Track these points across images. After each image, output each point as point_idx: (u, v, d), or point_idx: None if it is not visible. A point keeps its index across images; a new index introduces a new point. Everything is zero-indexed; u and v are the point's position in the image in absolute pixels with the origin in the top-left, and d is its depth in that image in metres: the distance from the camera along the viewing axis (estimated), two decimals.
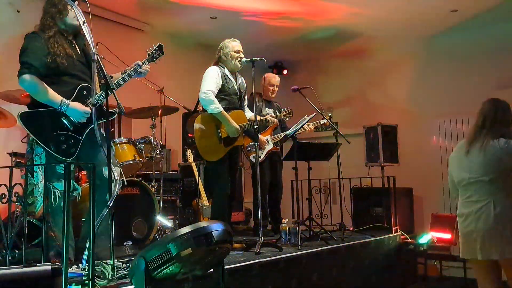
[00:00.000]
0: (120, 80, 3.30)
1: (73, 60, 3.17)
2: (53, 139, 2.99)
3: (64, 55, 3.11)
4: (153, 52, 3.49)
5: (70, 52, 3.15)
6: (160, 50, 3.51)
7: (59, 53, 3.08)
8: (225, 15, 6.46)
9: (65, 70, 3.11)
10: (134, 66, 3.37)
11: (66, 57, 3.12)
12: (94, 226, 2.55)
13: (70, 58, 3.15)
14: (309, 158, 4.93)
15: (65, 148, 3.01)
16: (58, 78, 3.10)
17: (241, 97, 4.57)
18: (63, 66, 3.09)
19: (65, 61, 3.10)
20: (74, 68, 3.16)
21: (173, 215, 5.32)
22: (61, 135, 3.02)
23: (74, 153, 3.02)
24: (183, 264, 2.38)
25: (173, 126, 5.89)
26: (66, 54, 3.12)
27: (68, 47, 3.17)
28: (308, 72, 8.52)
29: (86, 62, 3.26)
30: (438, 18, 6.69)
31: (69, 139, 3.03)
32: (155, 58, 3.50)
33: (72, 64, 3.15)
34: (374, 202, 6.14)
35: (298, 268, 3.93)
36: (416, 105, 7.40)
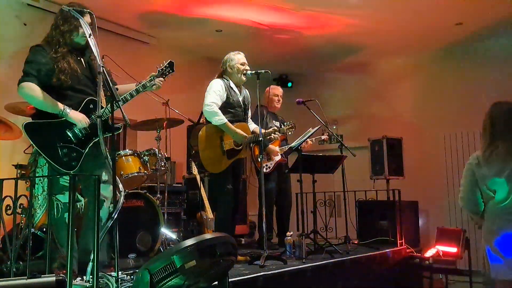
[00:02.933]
0: (134, 92, 3.32)
1: (78, 74, 3.17)
2: (56, 151, 3.00)
3: (69, 71, 3.11)
4: (163, 69, 3.51)
5: (75, 67, 3.16)
6: (170, 67, 3.52)
7: (64, 69, 3.09)
8: (230, 28, 6.51)
9: (70, 85, 3.12)
10: (143, 83, 3.39)
11: (71, 72, 3.12)
12: (98, 238, 2.55)
13: (75, 73, 3.15)
14: (314, 170, 4.92)
15: (67, 160, 3.01)
16: (63, 93, 3.12)
17: (246, 109, 4.58)
18: (67, 83, 3.10)
19: (70, 77, 3.11)
20: (79, 82, 3.17)
21: (178, 228, 5.31)
22: (64, 148, 3.02)
23: (75, 166, 3.02)
24: (187, 276, 2.37)
25: (178, 139, 5.90)
26: (71, 69, 3.13)
27: (74, 61, 3.18)
28: (313, 85, 8.54)
29: (91, 76, 3.27)
30: (442, 31, 6.71)
31: (72, 152, 3.03)
32: (165, 75, 3.52)
33: (76, 79, 3.16)
34: (379, 215, 6.10)
35: (302, 281, 3.90)
36: (421, 118, 7.39)
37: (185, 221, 5.59)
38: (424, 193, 6.77)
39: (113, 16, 6.03)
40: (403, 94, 7.72)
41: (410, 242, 5.95)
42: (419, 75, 7.64)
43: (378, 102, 7.95)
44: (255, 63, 4.86)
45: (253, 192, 5.89)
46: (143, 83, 3.39)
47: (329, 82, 8.50)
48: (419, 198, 6.71)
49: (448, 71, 7.30)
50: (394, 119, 7.59)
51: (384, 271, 5.24)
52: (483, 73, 6.94)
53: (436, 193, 6.86)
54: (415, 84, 7.65)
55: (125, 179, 4.14)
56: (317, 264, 4.13)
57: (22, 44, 5.35)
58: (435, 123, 7.21)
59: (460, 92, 7.08)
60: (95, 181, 2.63)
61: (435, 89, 7.38)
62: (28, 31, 5.39)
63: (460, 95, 7.06)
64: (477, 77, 6.98)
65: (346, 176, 5.33)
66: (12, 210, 2.73)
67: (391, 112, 7.73)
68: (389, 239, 5.80)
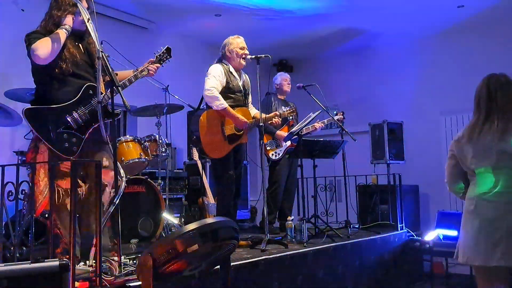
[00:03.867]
0: (132, 78, 3.32)
1: (77, 60, 3.16)
2: (56, 136, 3.00)
3: (69, 58, 3.11)
4: (160, 55, 3.51)
5: (73, 52, 3.14)
6: (168, 53, 3.52)
7: (64, 57, 3.09)
8: (230, 13, 6.46)
9: (69, 71, 3.11)
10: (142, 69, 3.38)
11: (70, 59, 3.11)
12: (100, 223, 2.56)
13: (74, 59, 3.14)
14: (315, 155, 4.93)
15: (67, 146, 3.01)
16: (62, 78, 3.11)
17: (246, 94, 4.57)
18: (68, 71, 3.10)
19: (69, 64, 3.10)
20: (78, 67, 3.15)
21: (179, 213, 5.34)
22: (64, 133, 3.02)
23: (76, 151, 3.02)
24: (189, 260, 2.38)
25: (178, 124, 5.90)
26: (71, 55, 3.12)
27: (72, 46, 3.16)
28: (313, 70, 8.51)
29: (90, 61, 3.25)
30: (444, 14, 6.65)
31: (72, 137, 3.03)
32: (162, 61, 3.52)
33: (76, 65, 3.14)
34: (379, 199, 6.13)
35: (303, 265, 3.93)
36: (422, 102, 7.37)
37: (186, 207, 5.62)
38: (425, 177, 6.78)
39: (112, 2, 5.99)
40: (403, 78, 7.69)
41: (410, 226, 6.00)
42: (420, 59, 7.60)
43: (379, 86, 7.91)
44: (255, 47, 4.83)
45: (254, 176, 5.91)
46: (141, 69, 3.38)
47: (329, 66, 8.46)
48: (419, 182, 6.73)
49: (449, 54, 7.26)
50: (394, 104, 7.56)
51: (384, 255, 5.27)
52: (485, 56, 6.90)
53: (437, 177, 6.78)
54: (415, 68, 7.61)
55: (126, 165, 4.14)
56: (318, 248, 4.17)
57: (20, 31, 5.30)
58: (435, 107, 7.20)
59: (460, 76, 7.04)
60: (95, 167, 2.64)
61: (435, 73, 7.35)
62: (26, 17, 5.35)
63: (460, 79, 7.02)
64: (478, 61, 6.94)
65: (347, 161, 5.33)
66: (14, 196, 2.74)
67: (391, 97, 7.71)
68: (390, 223, 5.83)
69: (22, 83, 4.35)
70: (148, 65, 3.45)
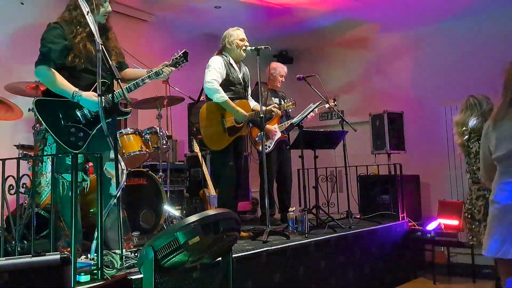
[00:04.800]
0: (146, 78, 3.29)
1: (92, 56, 3.14)
2: (64, 129, 3.01)
3: (84, 53, 3.11)
4: (177, 58, 3.46)
5: (90, 48, 3.13)
6: (185, 57, 3.47)
7: (80, 53, 3.09)
8: (229, 4, 6.42)
9: (82, 67, 3.11)
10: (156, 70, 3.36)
11: (86, 55, 3.11)
12: (102, 217, 2.57)
13: (89, 55, 3.14)
14: (315, 146, 4.92)
15: (74, 140, 3.02)
16: (75, 74, 3.10)
17: (246, 86, 4.55)
18: (81, 66, 3.10)
19: (84, 60, 3.10)
20: (92, 64, 3.14)
21: (180, 205, 5.34)
22: (72, 127, 3.02)
23: (82, 146, 3.03)
24: (191, 252, 2.39)
25: (179, 117, 5.89)
26: (86, 51, 3.12)
27: (89, 42, 3.15)
28: (313, 61, 8.47)
29: (105, 58, 3.24)
30: (441, 5, 6.61)
31: (79, 131, 3.03)
32: (178, 64, 3.47)
33: (90, 61, 3.13)
34: (380, 189, 6.14)
35: (305, 256, 3.94)
36: (422, 92, 7.34)
37: (187, 199, 5.63)
38: (425, 167, 6.78)
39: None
40: (403, 68, 7.66)
41: (411, 215, 6.00)
42: (419, 49, 7.56)
43: (379, 76, 7.89)
44: (255, 39, 4.81)
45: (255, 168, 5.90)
46: (156, 71, 3.35)
47: (329, 57, 8.42)
48: (420, 172, 6.72)
49: (449, 43, 7.22)
50: (394, 94, 7.54)
51: (386, 245, 5.29)
52: (484, 45, 6.86)
53: (437, 166, 6.86)
54: (415, 58, 7.58)
55: (127, 157, 4.14)
56: (319, 239, 4.17)
57: (20, 24, 5.31)
58: (436, 97, 7.17)
59: (459, 66, 7.02)
60: (97, 160, 2.64)
61: (435, 63, 7.31)
62: (26, 10, 5.33)
63: (459, 69, 6.99)
64: (478, 50, 6.91)
65: (348, 151, 5.33)
66: (15, 189, 2.75)
67: (391, 87, 7.68)
68: (391, 213, 5.84)
69: (23, 76, 4.35)
70: (162, 67, 3.39)
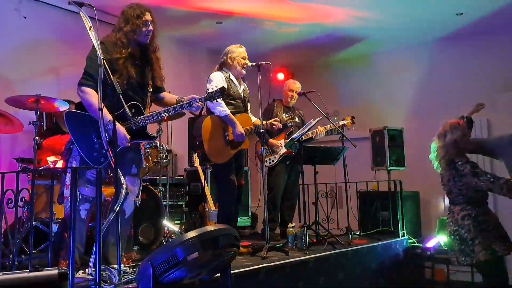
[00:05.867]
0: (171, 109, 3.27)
1: (132, 81, 3.19)
2: (88, 144, 3.03)
3: (125, 78, 3.13)
4: (213, 93, 3.43)
5: (131, 73, 3.17)
6: (222, 93, 3.44)
7: (121, 76, 3.10)
8: (231, 20, 6.47)
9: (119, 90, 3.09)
10: (189, 101, 3.34)
11: (126, 79, 3.14)
12: (100, 231, 2.55)
13: (130, 80, 3.17)
14: (315, 162, 4.93)
15: (96, 155, 3.03)
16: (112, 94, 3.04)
17: (246, 101, 4.57)
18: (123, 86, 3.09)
19: (123, 83, 3.10)
20: (129, 88, 3.17)
21: (180, 220, 5.32)
22: (96, 143, 3.03)
23: (103, 162, 3.03)
24: (189, 268, 2.37)
25: (179, 131, 5.90)
26: (127, 75, 3.15)
27: (131, 66, 3.19)
28: (313, 76, 8.50)
29: (143, 83, 3.31)
30: (443, 22, 6.67)
31: (102, 148, 3.00)
32: (213, 98, 3.44)
33: (128, 85, 3.16)
34: (380, 206, 6.11)
35: (304, 273, 3.91)
36: (422, 108, 7.36)
37: (187, 214, 5.60)
38: (425, 183, 6.74)
39: (113, 9, 5.99)
40: (403, 84, 7.69)
41: (411, 232, 5.97)
42: (419, 65, 7.60)
43: (379, 92, 7.92)
44: (256, 54, 4.83)
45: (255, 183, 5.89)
46: (186, 102, 3.34)
47: (330, 73, 8.46)
48: (420, 188, 6.70)
49: (449, 61, 7.27)
50: (395, 110, 7.56)
51: (386, 262, 5.25)
52: (484, 63, 6.91)
53: (437, 183, 6.78)
54: (415, 75, 7.62)
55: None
56: (319, 255, 4.15)
57: (22, 38, 5.35)
58: (436, 113, 7.17)
59: (460, 83, 7.05)
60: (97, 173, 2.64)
61: (435, 80, 7.35)
62: (28, 24, 5.37)
63: (460, 86, 7.03)
64: (477, 67, 6.95)
65: (348, 167, 5.32)
66: (14, 203, 2.74)
67: (392, 103, 7.71)
68: (391, 230, 5.81)
69: (23, 89, 4.37)
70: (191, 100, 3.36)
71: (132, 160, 3.31)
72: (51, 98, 4.06)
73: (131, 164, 3.30)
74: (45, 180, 3.93)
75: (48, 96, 4.01)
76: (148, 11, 3.30)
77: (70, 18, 5.20)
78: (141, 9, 3.27)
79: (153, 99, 3.49)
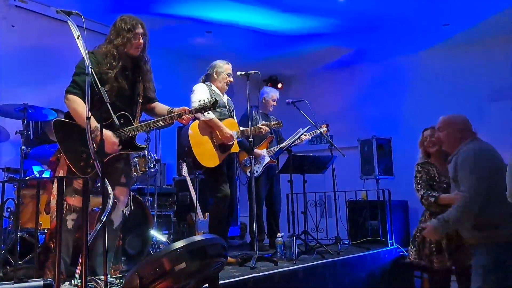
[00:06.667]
0: (161, 121, 3.26)
1: (123, 93, 3.17)
2: (75, 153, 2.98)
3: (116, 89, 3.11)
4: (205, 104, 3.41)
5: (122, 85, 3.15)
6: (213, 106, 3.42)
7: (110, 88, 3.06)
8: (221, 29, 6.49)
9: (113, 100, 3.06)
10: (180, 112, 3.31)
11: (116, 91, 3.11)
12: (87, 242, 2.52)
13: (120, 91, 3.15)
14: (304, 171, 4.93)
15: (82, 165, 2.99)
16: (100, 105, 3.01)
17: (230, 110, 4.59)
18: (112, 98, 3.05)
19: (112, 95, 3.06)
20: (118, 99, 3.14)
21: (168, 230, 5.28)
22: (84, 152, 2.98)
23: (89, 173, 2.99)
24: (177, 279, 2.35)
25: (168, 140, 5.88)
26: (118, 87, 3.12)
27: (121, 77, 3.16)
28: (302, 86, 8.55)
29: (133, 94, 3.28)
30: (430, 32, 6.75)
31: (90, 158, 2.94)
32: (204, 110, 3.42)
33: (118, 96, 3.14)
34: (369, 215, 6.12)
35: (293, 283, 3.89)
36: (410, 118, 7.41)
37: (175, 223, 5.56)
38: (414, 192, 6.77)
39: (102, 17, 5.98)
40: (391, 94, 7.76)
41: (400, 241, 5.98)
42: (407, 75, 7.68)
43: (367, 102, 7.97)
44: (244, 64, 4.85)
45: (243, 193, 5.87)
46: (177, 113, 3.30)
47: (318, 82, 8.51)
48: (408, 197, 6.72)
49: (436, 72, 7.35)
50: (383, 119, 7.61)
51: (375, 271, 5.25)
52: (470, 73, 6.99)
53: None
54: (403, 85, 7.69)
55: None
56: (308, 265, 4.13)
57: (10, 47, 5.31)
58: (423, 123, 7.21)
59: (447, 93, 7.13)
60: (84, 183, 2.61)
61: (423, 90, 7.43)
62: (17, 32, 5.34)
63: (447, 96, 7.10)
64: (464, 78, 7.04)
65: (336, 176, 5.33)
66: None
67: (380, 112, 7.76)
68: (380, 239, 5.82)
69: (10, 99, 4.32)
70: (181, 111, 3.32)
71: (121, 170, 3.29)
72: (39, 107, 4.04)
73: (120, 174, 3.27)
74: (31, 190, 3.89)
75: (35, 105, 3.98)
76: (140, 24, 3.28)
77: (58, 27, 5.18)
78: (132, 22, 3.25)
79: (144, 109, 3.47)
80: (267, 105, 5.54)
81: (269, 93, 5.60)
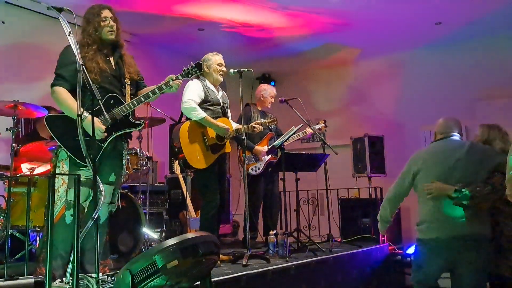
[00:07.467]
0: (150, 93, 3.27)
1: (107, 74, 3.21)
2: (74, 143, 2.96)
3: (98, 70, 3.15)
4: (189, 69, 3.43)
5: (104, 67, 3.20)
6: (198, 68, 3.45)
7: (92, 69, 3.12)
8: (213, 27, 6.48)
9: (97, 83, 3.10)
10: (166, 81, 3.32)
11: (100, 72, 3.16)
12: (78, 239, 2.51)
13: (104, 73, 3.20)
14: (297, 169, 4.93)
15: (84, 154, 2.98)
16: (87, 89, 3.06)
17: (225, 108, 4.56)
18: (97, 81, 3.09)
19: (98, 76, 3.13)
20: (104, 80, 3.19)
21: (160, 228, 5.27)
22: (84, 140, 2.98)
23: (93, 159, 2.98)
24: (169, 276, 2.34)
25: (160, 138, 5.85)
26: (100, 68, 3.17)
27: (103, 61, 3.21)
28: (295, 84, 8.55)
29: (119, 75, 3.32)
30: (422, 31, 6.77)
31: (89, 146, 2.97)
32: (190, 74, 3.44)
33: (103, 77, 3.19)
34: (361, 213, 6.14)
35: (286, 280, 3.90)
36: (402, 116, 7.45)
37: (167, 221, 5.55)
38: None
39: None
40: (384, 92, 7.79)
41: (392, 239, 6.01)
42: (400, 74, 7.70)
43: (360, 100, 8.00)
44: (238, 61, 4.84)
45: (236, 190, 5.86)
46: (160, 85, 3.31)
47: (311, 80, 8.52)
48: None
49: (428, 70, 7.38)
50: (375, 118, 7.64)
51: (366, 269, 5.27)
52: (462, 72, 7.03)
53: None
54: (395, 83, 7.72)
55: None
56: (300, 262, 4.14)
57: (1, 43, 5.27)
58: (416, 121, 7.28)
59: (439, 91, 7.16)
60: (74, 180, 2.59)
61: (415, 88, 7.46)
62: (7, 29, 5.30)
63: (439, 94, 7.14)
64: (456, 76, 7.07)
65: (329, 174, 5.34)
66: None
67: (372, 111, 7.79)
68: (372, 237, 5.84)
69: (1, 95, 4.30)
70: (169, 80, 3.34)
71: (112, 168, 3.27)
72: (29, 104, 4.01)
73: (110, 172, 3.26)
74: (22, 187, 3.85)
75: (26, 102, 3.95)
76: (107, 8, 3.32)
77: (49, 23, 5.14)
78: (99, 7, 3.30)
79: (135, 93, 3.47)
80: (265, 102, 5.54)
81: (267, 90, 5.59)
